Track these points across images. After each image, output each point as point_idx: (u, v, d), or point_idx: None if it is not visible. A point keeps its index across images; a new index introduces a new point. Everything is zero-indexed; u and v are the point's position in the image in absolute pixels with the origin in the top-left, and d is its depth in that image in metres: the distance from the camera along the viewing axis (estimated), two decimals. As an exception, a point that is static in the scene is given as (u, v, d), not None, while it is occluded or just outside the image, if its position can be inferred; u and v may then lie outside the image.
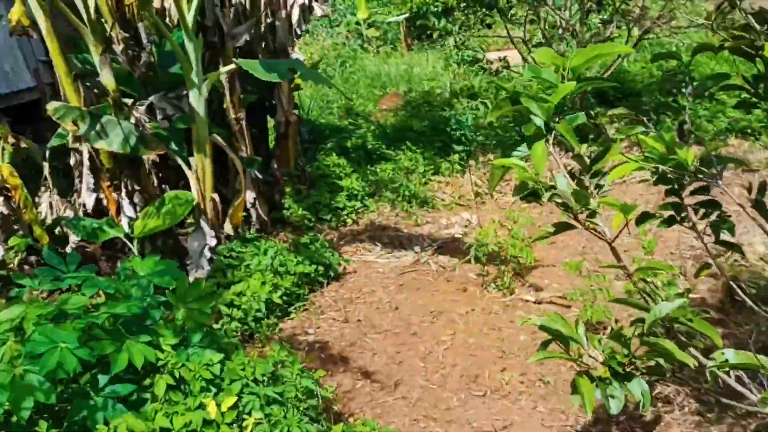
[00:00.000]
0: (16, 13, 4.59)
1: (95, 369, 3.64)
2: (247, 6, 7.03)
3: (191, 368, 3.60)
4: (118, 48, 6.40)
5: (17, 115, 10.34)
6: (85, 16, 5.14)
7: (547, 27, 8.30)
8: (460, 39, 8.20)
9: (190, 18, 5.07)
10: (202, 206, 5.60)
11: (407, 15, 15.04)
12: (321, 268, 5.71)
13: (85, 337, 3.54)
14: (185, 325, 3.88)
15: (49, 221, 6.38)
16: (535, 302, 5.31)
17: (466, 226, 6.73)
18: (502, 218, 6.66)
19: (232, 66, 5.44)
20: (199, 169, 5.55)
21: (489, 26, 8.41)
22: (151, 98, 6.47)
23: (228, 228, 5.80)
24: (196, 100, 5.39)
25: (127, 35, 6.60)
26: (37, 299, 4.31)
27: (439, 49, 14.37)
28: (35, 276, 3.98)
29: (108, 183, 5.79)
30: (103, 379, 3.53)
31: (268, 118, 7.85)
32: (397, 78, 12.47)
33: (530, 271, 5.75)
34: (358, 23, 15.67)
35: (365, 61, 14.27)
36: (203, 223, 5.58)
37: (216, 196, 5.63)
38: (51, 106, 5.36)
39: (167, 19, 5.94)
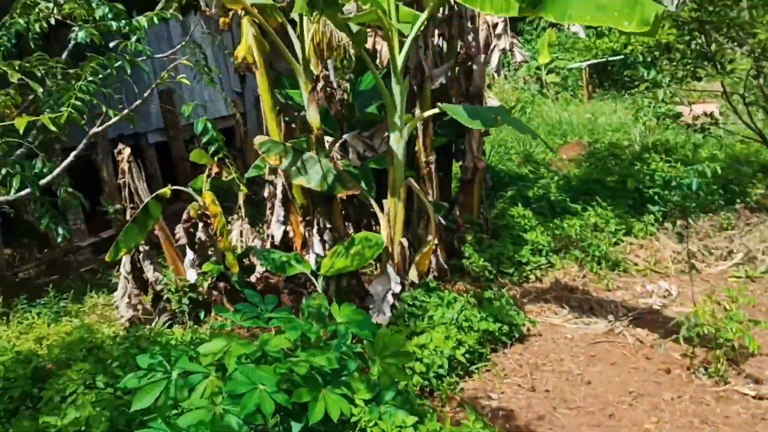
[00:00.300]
0: (242, 50, 4.76)
1: (281, 413, 3.55)
2: (444, 48, 6.97)
3: (384, 429, 3.39)
4: (317, 86, 6.54)
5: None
6: (300, 56, 5.25)
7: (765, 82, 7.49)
8: (670, 92, 7.62)
9: (400, 61, 5.02)
10: (390, 250, 5.48)
11: (592, 61, 14.51)
12: (505, 327, 5.36)
13: (283, 381, 3.46)
14: (380, 379, 3.70)
15: (238, 249, 6.58)
16: (755, 397, 4.61)
17: (665, 297, 6.10)
18: (707, 291, 6.00)
19: (435, 110, 5.31)
20: (391, 212, 5.45)
21: (699, 79, 7.75)
22: (345, 136, 6.53)
23: (413, 275, 5.63)
24: (397, 143, 5.31)
25: (327, 73, 6.75)
26: (235, 334, 4.35)
27: (625, 98, 13.68)
28: (237, 310, 3.99)
29: (301, 218, 5.85)
30: (295, 426, 3.41)
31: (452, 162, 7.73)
32: (579, 126, 11.95)
33: (747, 359, 5.04)
34: (537, 68, 15.34)
35: (543, 107, 13.88)
36: (389, 268, 5.45)
37: (405, 241, 5.50)
38: (258, 139, 5.51)
39: (377, 61, 5.97)
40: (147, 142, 10.66)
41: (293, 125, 6.60)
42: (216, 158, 5.53)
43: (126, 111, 3.55)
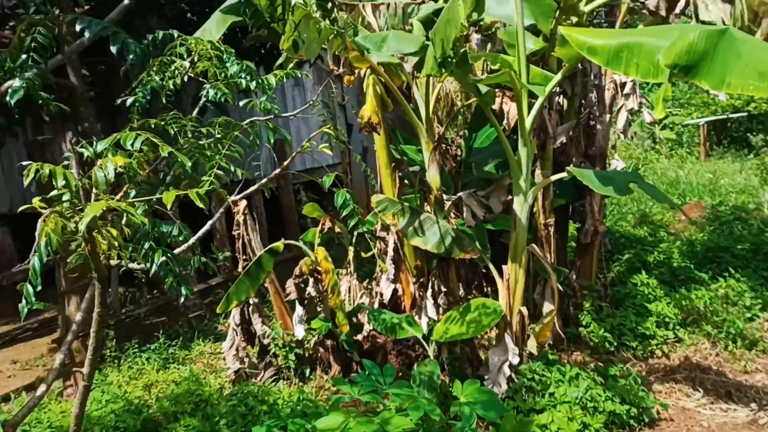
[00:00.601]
0: (368, 110, 4.70)
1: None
2: (564, 106, 6.71)
3: None
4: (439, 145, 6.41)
5: (318, 189, 11.15)
6: (423, 115, 5.15)
7: None
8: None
9: (528, 122, 4.80)
10: (508, 318, 5.19)
11: (711, 118, 13.79)
12: (634, 409, 4.91)
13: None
14: (508, 471, 3.41)
15: (346, 305, 6.45)
16: None
17: (814, 386, 5.46)
18: None
19: (563, 174, 5.04)
20: (511, 278, 5.17)
21: None
22: (460, 194, 6.33)
23: (531, 345, 5.30)
24: (520, 207, 5.06)
25: (443, 129, 6.62)
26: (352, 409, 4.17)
27: (749, 158, 12.86)
28: (354, 382, 3.82)
29: (413, 279, 5.67)
30: None
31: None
32: (698, 187, 11.27)
33: None
34: (651, 123, 14.73)
35: (657, 165, 13.24)
36: (507, 337, 5.14)
37: (524, 310, 5.19)
38: (375, 198, 5.41)
39: (505, 122, 5.79)
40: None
41: (406, 180, 6.51)
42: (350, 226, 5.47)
43: (265, 179, 3.50)
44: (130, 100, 4.09)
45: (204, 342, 7.48)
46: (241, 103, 4.29)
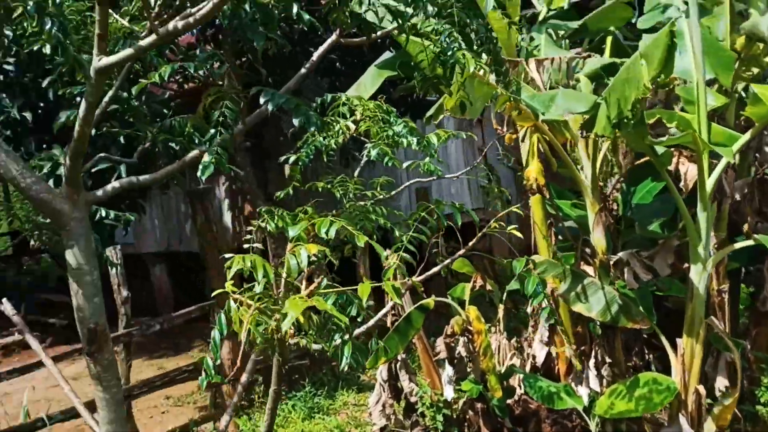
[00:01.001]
0: (533, 172, 4.55)
1: None
2: (737, 161, 6.18)
3: None
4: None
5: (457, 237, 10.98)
6: (589, 175, 4.91)
7: None
8: None
9: (710, 185, 4.44)
10: (682, 396, 4.75)
11: None
12: None
13: None
14: None
15: (497, 365, 6.22)
16: None
17: None
18: None
19: (749, 242, 4.60)
20: (687, 354, 4.75)
21: None
22: (621, 254, 5.96)
23: (708, 428, 4.81)
24: (698, 276, 4.66)
25: (602, 184, 6.31)
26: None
27: None
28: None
29: (574, 346, 5.36)
30: None
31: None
32: None
33: None
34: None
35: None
36: (681, 418, 4.70)
37: (701, 389, 4.74)
38: (535, 260, 5.19)
39: (681, 184, 5.41)
40: (394, 234, 10.89)
41: (559, 236, 6.24)
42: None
43: (449, 260, 3.42)
44: (293, 158, 4.17)
45: (347, 392, 7.48)
46: (404, 165, 4.24)
